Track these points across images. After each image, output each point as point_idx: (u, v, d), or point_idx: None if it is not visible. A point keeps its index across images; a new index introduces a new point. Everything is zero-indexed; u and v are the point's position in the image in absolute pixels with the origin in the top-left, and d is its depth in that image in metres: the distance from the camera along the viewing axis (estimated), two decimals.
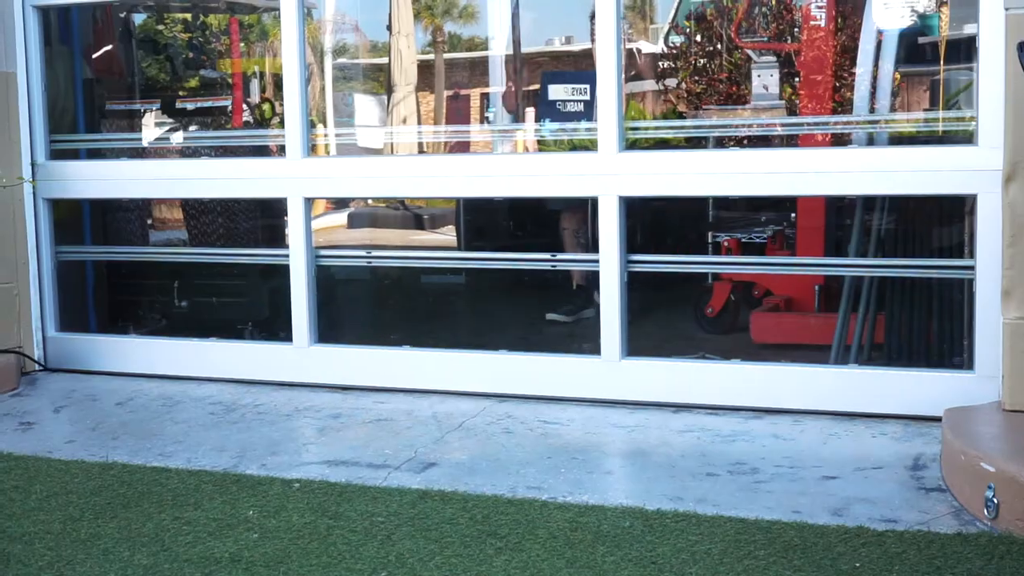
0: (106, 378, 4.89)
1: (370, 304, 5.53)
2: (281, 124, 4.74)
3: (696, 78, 9.04)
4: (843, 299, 4.50)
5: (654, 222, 5.48)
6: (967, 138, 3.85)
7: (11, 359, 4.82)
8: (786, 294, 5.40)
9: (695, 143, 6.62)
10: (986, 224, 3.75)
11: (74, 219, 5.38)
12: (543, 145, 10.38)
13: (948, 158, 3.83)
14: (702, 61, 9.01)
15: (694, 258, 4.63)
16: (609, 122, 4.14)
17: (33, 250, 4.99)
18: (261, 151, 5.09)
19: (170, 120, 5.47)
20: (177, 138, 5.53)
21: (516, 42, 10.35)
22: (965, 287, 3.96)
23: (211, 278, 5.39)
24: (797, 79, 6.13)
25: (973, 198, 3.80)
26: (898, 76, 5.52)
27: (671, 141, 6.77)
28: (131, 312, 5.58)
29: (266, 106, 10.96)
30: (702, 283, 5.99)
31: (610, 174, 4.17)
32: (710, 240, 6.00)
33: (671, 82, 9.65)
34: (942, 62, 6.37)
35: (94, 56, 5.76)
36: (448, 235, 8.05)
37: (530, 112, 11.16)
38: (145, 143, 5.48)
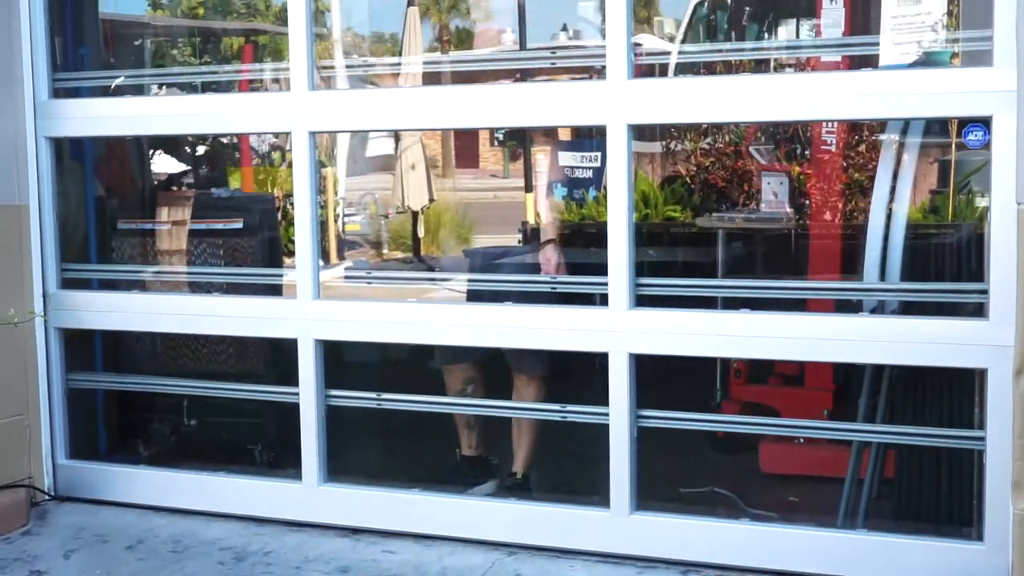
0: (116, 511, 4.89)
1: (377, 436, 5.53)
2: (289, 168, 4.73)
3: (704, 148, 9.05)
4: (852, 455, 4.49)
5: None
6: (978, 310, 3.85)
7: (21, 493, 4.83)
8: (795, 418, 5.40)
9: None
10: (996, 397, 3.76)
11: (84, 340, 5.39)
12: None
13: (959, 331, 3.84)
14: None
15: (706, 416, 4.64)
16: (620, 279, 4.16)
17: (44, 379, 5.00)
18: (275, 289, 5.11)
19: (181, 242, 5.48)
20: (187, 259, 5.56)
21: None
22: (976, 456, 3.96)
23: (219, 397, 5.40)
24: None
25: (984, 371, 3.80)
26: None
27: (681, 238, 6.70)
28: (141, 430, 5.59)
29: (275, 154, 10.95)
30: (710, 403, 6.00)
31: (620, 331, 4.19)
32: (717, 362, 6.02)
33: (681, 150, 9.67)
34: (953, 139, 6.36)
35: (105, 172, 5.78)
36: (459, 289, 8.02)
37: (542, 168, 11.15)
38: (154, 275, 5.50)
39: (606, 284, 4.22)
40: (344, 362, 5.16)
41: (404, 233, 11.27)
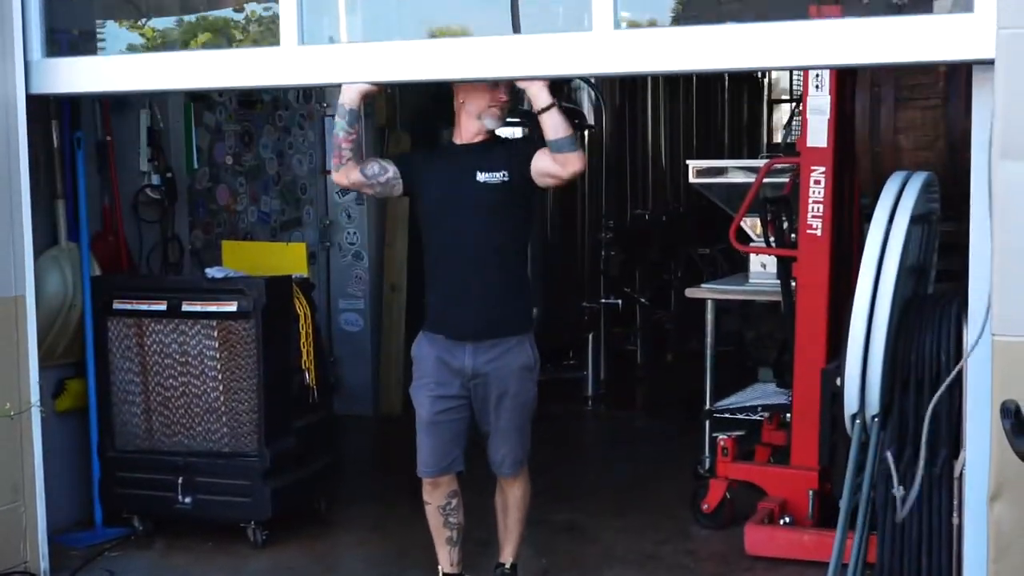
0: None
1: None
2: None
3: None
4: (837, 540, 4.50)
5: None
6: None
7: None
8: (780, 496, 5.47)
9: None
10: None
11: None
12: None
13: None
14: None
15: None
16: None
17: (40, 465, 5.07)
18: None
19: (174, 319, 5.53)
20: None
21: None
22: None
23: (213, 475, 5.49)
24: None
25: None
26: None
27: None
28: (136, 503, 5.66)
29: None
30: (698, 476, 6.09)
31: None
32: (707, 434, 6.11)
33: None
34: None
35: (101, 251, 5.85)
36: None
37: None
38: None
39: None
40: None
41: None
